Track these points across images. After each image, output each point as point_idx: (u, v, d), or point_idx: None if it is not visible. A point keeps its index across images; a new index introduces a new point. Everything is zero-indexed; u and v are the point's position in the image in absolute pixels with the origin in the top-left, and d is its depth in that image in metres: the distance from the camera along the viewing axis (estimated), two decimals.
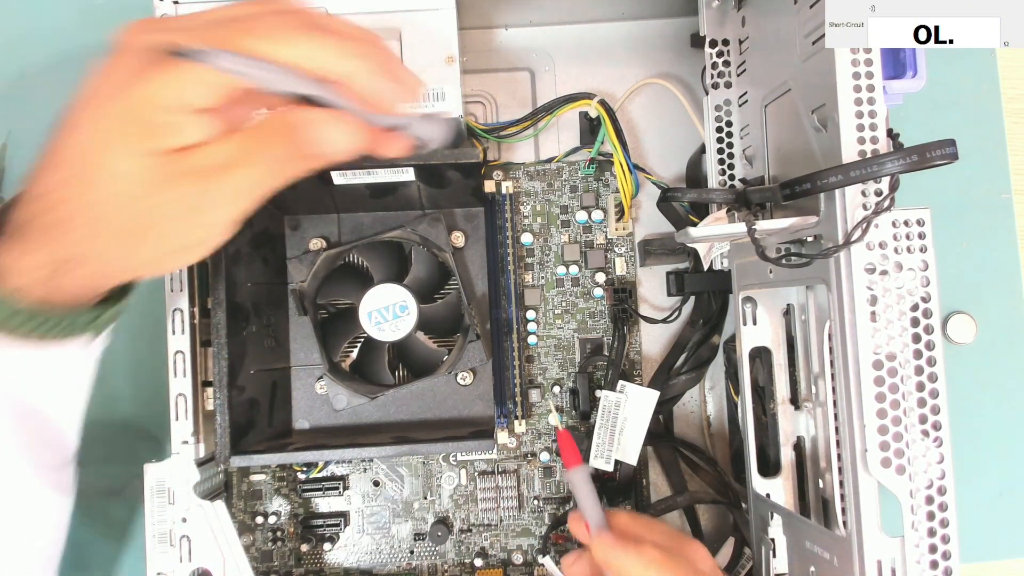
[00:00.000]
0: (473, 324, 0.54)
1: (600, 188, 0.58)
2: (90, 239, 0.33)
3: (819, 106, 0.38)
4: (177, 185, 0.32)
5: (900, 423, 0.35)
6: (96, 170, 0.32)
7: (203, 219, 0.33)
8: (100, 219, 0.32)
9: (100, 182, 0.32)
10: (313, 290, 0.55)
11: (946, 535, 0.35)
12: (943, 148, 0.34)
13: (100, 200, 0.32)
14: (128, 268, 0.35)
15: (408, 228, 0.54)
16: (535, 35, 0.59)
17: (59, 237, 0.33)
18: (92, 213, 0.32)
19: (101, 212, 0.32)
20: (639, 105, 0.59)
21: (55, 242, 0.33)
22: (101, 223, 0.32)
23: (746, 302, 0.49)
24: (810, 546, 0.42)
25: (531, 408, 0.57)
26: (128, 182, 0.31)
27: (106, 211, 0.32)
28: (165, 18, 0.34)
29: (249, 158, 0.32)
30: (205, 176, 0.32)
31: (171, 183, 0.32)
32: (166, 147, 0.31)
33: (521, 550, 0.56)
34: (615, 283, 0.57)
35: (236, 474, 0.56)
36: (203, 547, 0.47)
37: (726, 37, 0.52)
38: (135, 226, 0.33)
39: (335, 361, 0.56)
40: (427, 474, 0.57)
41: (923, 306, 0.36)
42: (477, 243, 0.55)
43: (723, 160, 0.52)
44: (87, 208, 0.32)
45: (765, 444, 0.49)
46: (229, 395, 0.48)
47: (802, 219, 0.39)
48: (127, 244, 0.33)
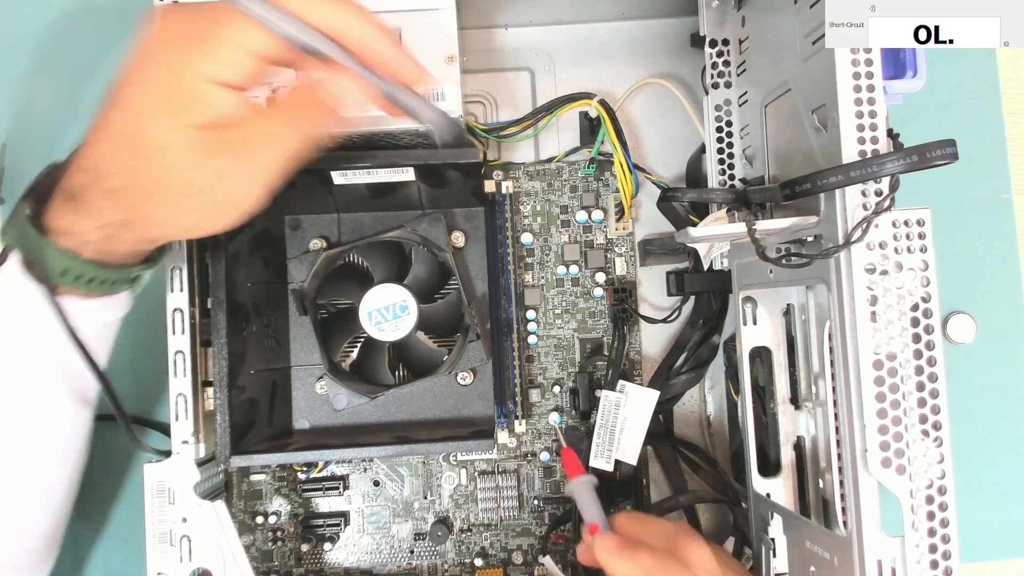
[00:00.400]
0: (473, 324, 0.54)
1: (600, 188, 0.58)
2: (141, 205, 0.36)
3: (819, 106, 0.38)
4: (217, 158, 0.35)
5: (900, 423, 0.35)
6: (144, 142, 0.34)
7: (241, 187, 0.36)
8: (150, 187, 0.35)
9: (149, 153, 0.34)
10: (313, 290, 0.55)
11: (946, 535, 0.35)
12: (943, 148, 0.34)
13: (150, 170, 0.35)
14: (173, 231, 0.39)
15: (408, 228, 0.54)
16: (535, 35, 0.59)
17: (114, 203, 0.36)
18: (143, 181, 0.35)
19: (151, 180, 0.35)
20: (639, 105, 0.59)
21: (110, 207, 0.36)
22: (151, 191, 0.36)
23: (746, 302, 0.49)
24: (810, 546, 0.42)
25: (531, 408, 0.57)
26: (174, 154, 0.34)
27: (156, 180, 0.35)
28: None
29: (276, 135, 0.36)
30: (242, 150, 0.35)
31: (212, 156, 0.35)
32: (205, 122, 0.34)
33: (521, 550, 0.56)
34: (615, 283, 0.57)
35: (236, 474, 0.56)
36: (203, 547, 0.47)
37: (726, 37, 0.52)
38: (181, 193, 0.36)
39: (335, 361, 0.56)
40: (427, 474, 0.57)
41: (923, 306, 0.36)
42: (477, 243, 0.55)
43: (723, 160, 0.52)
44: (138, 177, 0.35)
45: (765, 444, 0.49)
46: (229, 395, 0.48)
47: (802, 219, 0.39)
48: (174, 210, 0.36)
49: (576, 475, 0.49)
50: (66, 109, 0.59)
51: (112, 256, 0.39)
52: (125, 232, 0.37)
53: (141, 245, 0.40)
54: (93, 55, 0.60)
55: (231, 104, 0.35)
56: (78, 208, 0.37)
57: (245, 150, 0.35)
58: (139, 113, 0.34)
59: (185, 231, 0.39)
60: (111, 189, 0.36)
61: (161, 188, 0.35)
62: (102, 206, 0.36)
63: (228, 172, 0.35)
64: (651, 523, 0.44)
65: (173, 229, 0.39)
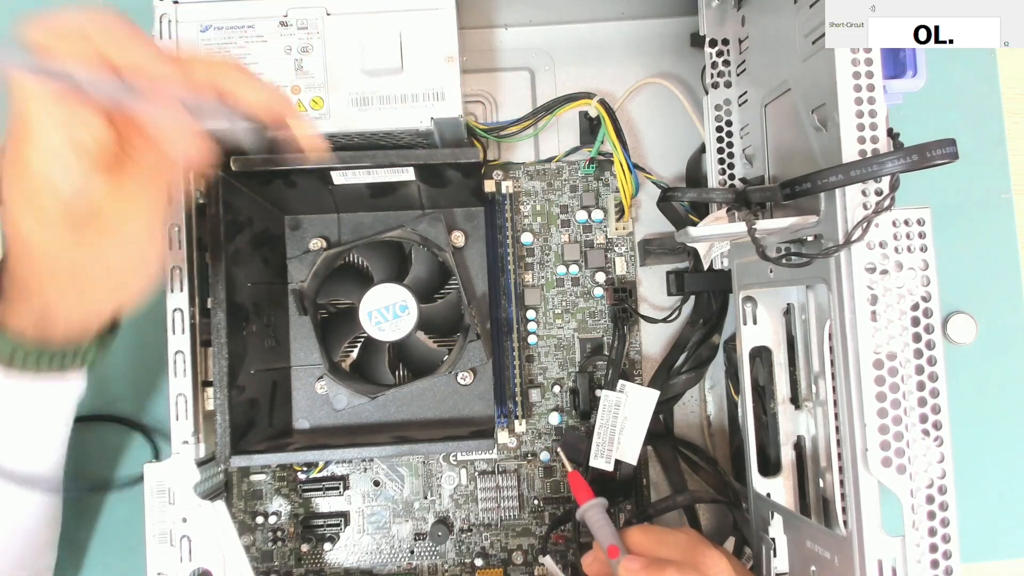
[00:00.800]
0: (473, 324, 0.54)
1: (600, 188, 0.58)
2: (47, 293, 0.38)
3: (819, 105, 0.38)
4: (89, 241, 0.36)
5: (900, 422, 0.35)
6: (21, 236, 0.36)
7: (127, 262, 0.38)
8: (45, 277, 0.37)
9: (28, 245, 0.36)
10: (313, 290, 0.55)
11: (946, 534, 0.35)
12: (943, 147, 0.34)
13: (37, 263, 0.37)
14: (88, 314, 0.41)
15: (408, 228, 0.54)
16: (535, 35, 0.59)
17: (27, 293, 0.38)
18: (38, 273, 0.37)
19: (42, 272, 0.37)
20: (639, 105, 0.59)
21: (26, 297, 0.38)
22: (47, 280, 0.37)
23: (746, 301, 0.49)
24: (811, 545, 0.42)
25: (531, 408, 0.57)
26: (47, 244, 0.36)
27: (41, 269, 0.37)
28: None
29: (136, 202, 0.37)
30: (111, 228, 0.36)
31: (83, 240, 0.36)
32: (61, 211, 0.35)
33: (521, 550, 0.56)
34: (615, 283, 0.57)
35: (236, 474, 0.56)
36: (203, 547, 0.47)
37: (726, 36, 0.52)
38: (70, 280, 0.37)
39: (335, 361, 0.56)
40: (427, 474, 0.57)
41: (923, 305, 0.36)
42: (477, 243, 0.55)
43: (723, 160, 0.52)
44: (33, 270, 0.37)
45: (765, 443, 0.49)
46: (229, 395, 0.47)
47: (802, 218, 0.39)
48: (73, 294, 0.38)
49: (586, 500, 0.49)
50: None
51: (53, 340, 0.40)
52: (51, 315, 0.39)
53: (75, 325, 0.41)
54: None
55: (77, 185, 0.34)
56: (9, 298, 0.39)
57: (114, 227, 0.36)
58: (10, 211, 0.35)
59: (100, 313, 0.41)
60: (21, 280, 0.38)
61: (51, 276, 0.37)
62: (21, 296, 0.38)
63: (107, 251, 0.37)
64: (666, 536, 0.45)
65: (86, 312, 0.40)
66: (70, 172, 0.34)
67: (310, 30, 0.49)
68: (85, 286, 0.38)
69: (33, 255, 0.37)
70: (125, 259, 0.38)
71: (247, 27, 0.49)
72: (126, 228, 0.37)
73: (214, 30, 0.49)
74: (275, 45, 0.49)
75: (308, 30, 0.49)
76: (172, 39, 0.49)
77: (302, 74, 0.49)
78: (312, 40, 0.49)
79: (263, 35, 0.49)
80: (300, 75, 0.49)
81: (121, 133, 0.35)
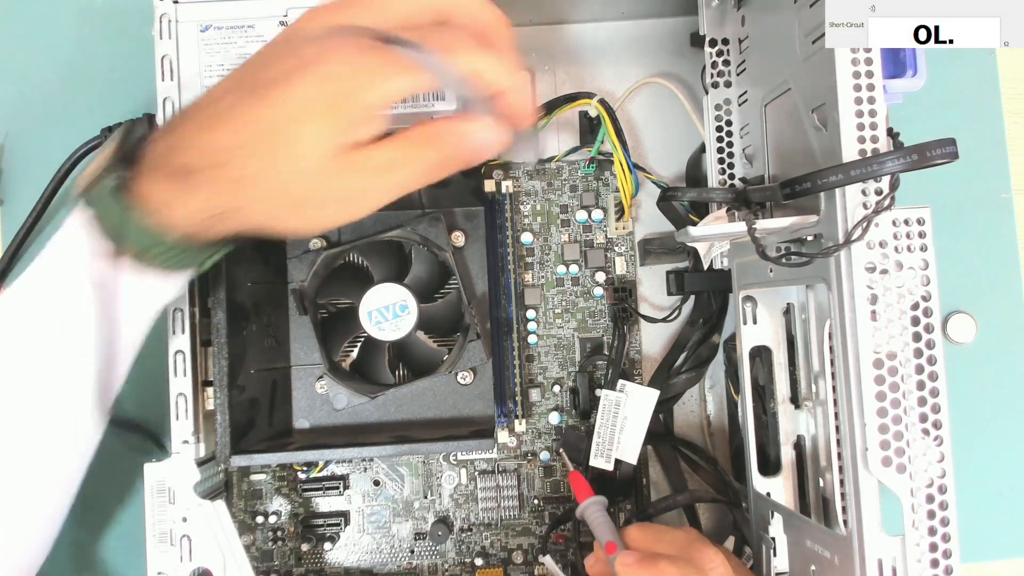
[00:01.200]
0: (473, 323, 0.54)
1: (600, 187, 0.58)
2: (258, 200, 0.36)
3: (819, 105, 0.38)
4: (349, 176, 0.35)
5: (900, 422, 0.35)
6: (288, 147, 0.34)
7: (359, 205, 0.37)
8: (274, 187, 0.35)
9: (286, 157, 0.35)
10: (313, 290, 0.55)
11: (946, 534, 0.35)
12: (943, 147, 0.34)
13: (280, 171, 0.35)
14: (275, 229, 0.38)
15: (408, 228, 0.54)
16: (535, 35, 0.59)
17: (230, 192, 0.36)
18: (268, 180, 0.35)
19: (277, 182, 0.35)
20: (639, 104, 0.59)
21: (224, 195, 0.36)
22: (274, 190, 0.36)
23: (746, 301, 0.49)
24: (811, 545, 0.42)
25: (531, 408, 0.57)
26: (311, 163, 0.35)
27: (282, 182, 0.35)
28: (354, 4, 0.37)
29: (409, 162, 0.36)
30: (372, 172, 0.36)
31: (344, 173, 0.35)
32: (355, 142, 0.35)
33: (521, 549, 0.56)
34: (615, 282, 0.57)
35: (236, 474, 0.56)
36: (203, 547, 0.47)
37: (726, 36, 0.52)
38: (302, 200, 0.36)
39: (335, 361, 0.56)
40: (427, 473, 0.57)
41: (923, 305, 0.36)
42: (477, 243, 0.55)
43: (723, 159, 0.52)
44: (265, 175, 0.35)
45: (765, 443, 0.49)
46: (229, 395, 0.47)
47: (802, 218, 0.39)
48: (291, 212, 0.37)
49: (585, 498, 0.49)
50: (65, 110, 0.59)
51: (198, 240, 0.38)
52: (227, 220, 0.37)
53: (238, 231, 0.38)
54: (93, 55, 0.60)
55: (380, 129, 0.35)
56: (188, 188, 0.36)
57: (380, 174, 0.36)
58: (293, 119, 0.34)
59: (285, 231, 0.38)
60: (231, 178, 0.35)
61: (284, 191, 0.35)
62: (216, 191, 0.36)
63: (357, 191, 0.36)
64: (664, 533, 0.45)
65: (277, 227, 0.38)
66: (379, 96, 0.34)
67: None
68: (311, 211, 0.37)
69: (289, 168, 0.35)
70: (365, 202, 0.37)
71: (247, 27, 0.49)
72: (389, 180, 0.36)
73: (214, 30, 0.49)
74: None
75: None
76: (172, 39, 0.49)
77: None
78: None
79: (263, 35, 0.49)
80: None
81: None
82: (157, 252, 0.37)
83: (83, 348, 0.39)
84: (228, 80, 0.37)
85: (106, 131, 0.54)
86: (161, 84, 0.48)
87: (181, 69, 0.48)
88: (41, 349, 0.40)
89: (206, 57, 0.49)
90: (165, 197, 0.36)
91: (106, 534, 0.57)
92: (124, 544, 0.56)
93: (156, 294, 0.41)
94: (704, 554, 0.41)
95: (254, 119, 0.35)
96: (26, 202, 0.57)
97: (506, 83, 0.36)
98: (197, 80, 0.48)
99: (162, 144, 0.37)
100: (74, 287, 0.38)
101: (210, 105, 0.36)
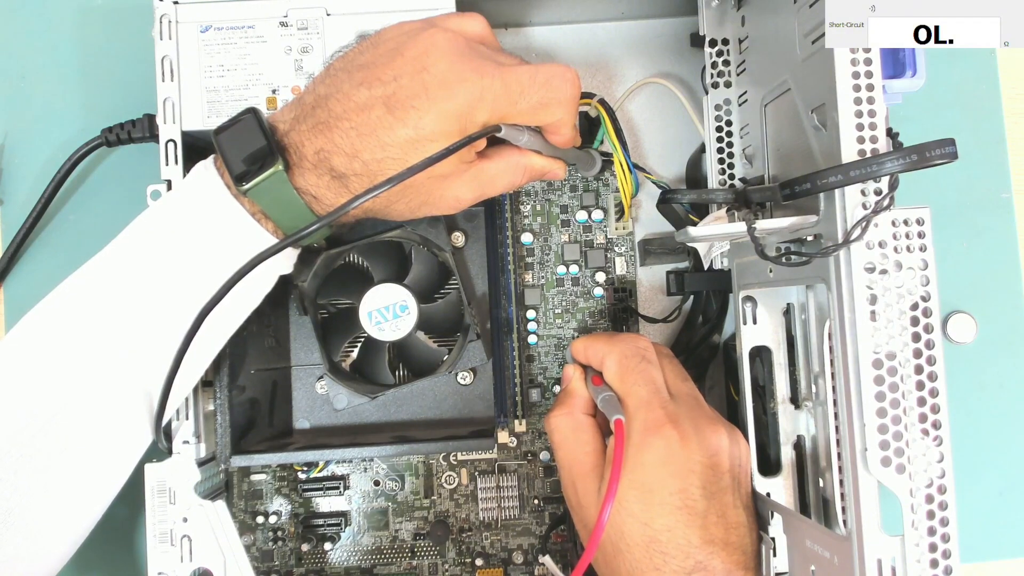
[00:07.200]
0: (473, 324, 0.54)
1: (600, 188, 0.58)
2: (402, 202, 0.43)
3: (819, 105, 0.38)
4: (462, 183, 0.43)
5: (900, 422, 0.35)
6: (417, 132, 0.39)
7: (464, 203, 0.45)
8: (416, 192, 0.42)
9: (432, 170, 0.40)
10: (313, 290, 0.55)
11: (946, 534, 0.35)
12: (943, 147, 0.34)
13: (418, 181, 0.40)
14: (399, 218, 0.45)
15: (408, 228, 0.54)
16: (535, 35, 0.59)
17: (384, 196, 0.40)
18: (409, 187, 0.41)
19: (415, 188, 0.42)
20: (639, 105, 0.59)
21: (379, 199, 0.41)
22: (415, 195, 0.43)
23: (746, 301, 0.49)
24: (810, 545, 0.42)
25: (531, 408, 0.57)
26: (442, 171, 0.41)
27: (424, 189, 0.42)
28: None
29: (509, 179, 0.45)
30: (484, 183, 0.44)
31: (466, 180, 0.43)
32: (472, 157, 0.43)
33: (521, 550, 0.56)
34: (615, 283, 0.57)
35: (237, 474, 0.56)
36: (204, 547, 0.47)
37: (726, 36, 0.52)
38: (426, 200, 0.43)
39: (335, 361, 0.56)
40: (427, 474, 0.57)
41: (923, 305, 0.36)
42: (477, 243, 0.56)
43: (723, 159, 0.52)
44: (408, 184, 0.40)
45: (765, 443, 0.49)
46: (229, 395, 0.48)
47: (802, 218, 0.39)
48: (418, 210, 0.44)
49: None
50: (65, 110, 0.59)
51: (337, 223, 0.42)
52: (372, 213, 0.44)
53: (352, 217, 0.43)
54: (93, 55, 0.60)
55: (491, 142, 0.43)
56: (342, 187, 0.40)
57: (487, 183, 0.44)
58: (431, 139, 0.39)
59: (401, 218, 0.45)
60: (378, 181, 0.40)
61: (416, 194, 0.42)
62: (334, 174, 0.40)
63: (462, 192, 0.43)
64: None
65: (403, 217, 0.45)
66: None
67: (310, 30, 0.49)
68: (424, 208, 0.44)
69: (424, 176, 0.39)
70: (458, 203, 0.44)
71: (247, 27, 0.49)
72: (490, 188, 0.45)
73: (214, 30, 0.49)
74: (275, 45, 0.49)
75: (308, 30, 0.49)
76: (172, 39, 0.49)
77: (302, 74, 0.49)
78: (312, 40, 0.49)
79: (263, 35, 0.49)
80: (300, 75, 0.49)
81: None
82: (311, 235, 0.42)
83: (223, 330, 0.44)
84: (368, 84, 0.40)
85: (106, 131, 0.54)
86: (161, 84, 0.49)
87: (181, 70, 0.48)
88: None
89: (206, 58, 0.49)
90: (320, 191, 0.41)
91: (106, 534, 0.56)
92: (124, 544, 0.56)
93: (282, 267, 0.45)
94: (641, 338, 0.48)
95: (399, 140, 0.39)
96: (26, 202, 0.57)
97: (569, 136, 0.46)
98: (197, 80, 0.48)
99: (309, 145, 0.40)
100: (255, 274, 0.41)
101: (359, 114, 0.39)
